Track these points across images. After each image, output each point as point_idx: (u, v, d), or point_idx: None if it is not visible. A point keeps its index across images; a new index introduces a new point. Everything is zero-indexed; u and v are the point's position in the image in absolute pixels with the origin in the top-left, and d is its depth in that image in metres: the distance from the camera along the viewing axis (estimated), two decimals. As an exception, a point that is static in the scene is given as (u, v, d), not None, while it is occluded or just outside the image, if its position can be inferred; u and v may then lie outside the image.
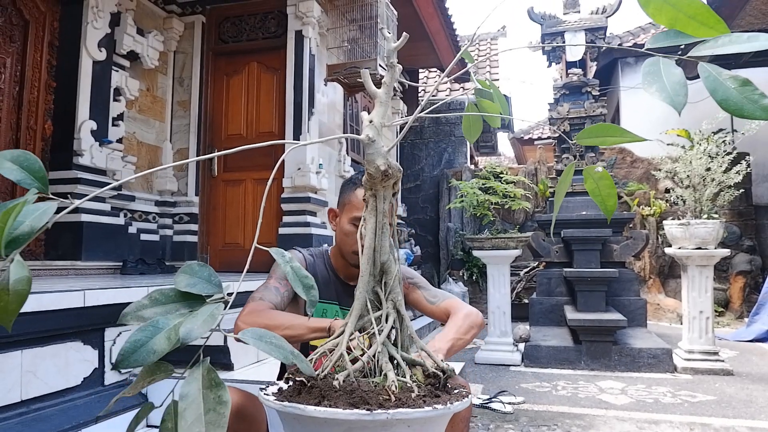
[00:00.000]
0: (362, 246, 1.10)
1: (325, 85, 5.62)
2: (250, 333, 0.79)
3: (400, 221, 7.52)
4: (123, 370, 2.64)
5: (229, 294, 0.79)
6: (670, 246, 4.72)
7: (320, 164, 5.30)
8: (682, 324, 4.82)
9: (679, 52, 0.78)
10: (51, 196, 0.69)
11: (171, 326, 0.72)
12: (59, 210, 0.66)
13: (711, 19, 0.72)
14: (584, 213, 5.42)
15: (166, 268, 4.91)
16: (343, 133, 6.13)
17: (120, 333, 2.59)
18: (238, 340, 0.76)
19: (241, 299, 1.64)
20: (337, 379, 0.98)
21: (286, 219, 5.12)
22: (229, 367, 2.68)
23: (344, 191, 1.64)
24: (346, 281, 1.70)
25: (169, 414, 0.67)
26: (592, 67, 6.15)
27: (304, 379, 1.00)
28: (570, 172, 1.02)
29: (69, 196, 4.17)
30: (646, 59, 0.77)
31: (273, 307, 1.53)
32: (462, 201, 5.05)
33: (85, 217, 4.18)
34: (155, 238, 5.27)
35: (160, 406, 0.72)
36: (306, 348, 1.68)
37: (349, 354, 1.03)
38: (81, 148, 4.25)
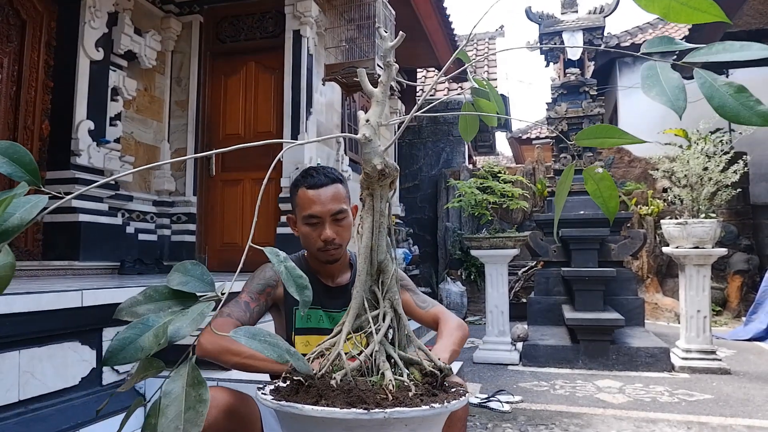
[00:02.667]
0: (360, 244, 1.10)
1: (323, 84, 5.62)
2: (242, 332, 0.78)
3: (398, 221, 7.53)
4: (121, 370, 2.64)
5: (222, 293, 0.79)
6: (667, 245, 4.73)
7: (318, 164, 5.29)
8: (679, 323, 4.83)
9: (674, 58, 0.79)
10: (43, 189, 0.69)
11: (160, 324, 0.72)
12: (58, 210, 0.66)
13: (703, 4, 0.73)
14: (582, 212, 5.42)
15: (164, 268, 4.90)
16: (341, 132, 6.13)
17: (118, 333, 2.58)
18: (201, 358, 0.75)
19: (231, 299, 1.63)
20: (335, 378, 0.98)
21: (284, 219, 5.12)
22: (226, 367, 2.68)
23: (291, 195, 1.65)
24: (326, 283, 1.69)
25: (154, 410, 0.67)
26: (590, 67, 6.14)
27: (301, 379, 1.00)
28: (570, 173, 1.01)
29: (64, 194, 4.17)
30: (643, 60, 0.78)
31: (238, 324, 1.46)
32: (460, 200, 5.05)
33: (82, 217, 4.18)
34: (153, 238, 5.26)
35: (148, 401, 0.72)
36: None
37: (346, 354, 1.03)
38: (78, 148, 4.24)
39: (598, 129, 0.92)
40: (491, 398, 3.53)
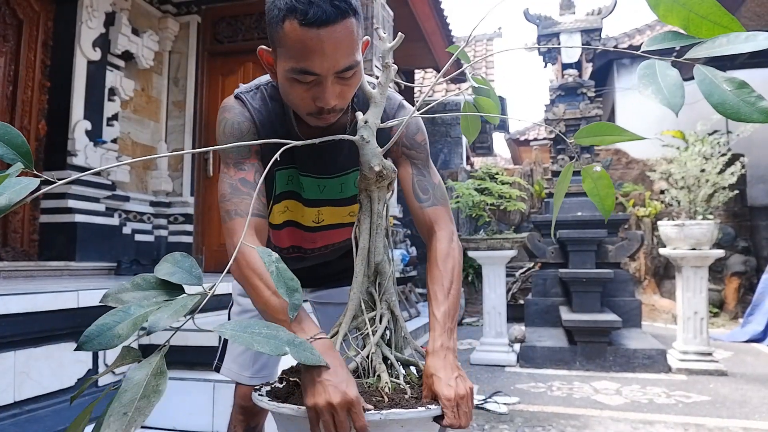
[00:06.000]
0: (356, 244, 1.10)
1: (321, 85, 5.61)
2: (231, 326, 0.77)
3: (395, 222, 7.52)
4: (117, 371, 2.63)
5: (210, 290, 0.78)
6: (665, 247, 4.73)
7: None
8: (676, 325, 4.83)
9: (674, 54, 0.78)
10: (35, 173, 0.68)
11: (140, 314, 0.71)
12: (55, 211, 0.65)
13: (724, 18, 0.70)
14: (579, 214, 5.42)
15: (161, 268, 4.88)
16: (339, 133, 6.11)
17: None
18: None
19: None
20: (331, 379, 0.98)
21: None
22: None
23: (271, 24, 1.02)
24: (310, 132, 1.17)
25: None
26: (588, 69, 6.15)
27: (297, 380, 1.00)
28: (568, 173, 1.01)
29: (64, 195, 4.17)
30: (642, 61, 0.76)
31: (260, 222, 1.12)
32: (458, 202, 5.05)
33: (79, 218, 4.16)
34: (150, 238, 5.25)
35: (117, 386, 0.72)
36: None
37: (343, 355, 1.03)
38: (75, 148, 4.23)
39: (597, 127, 0.92)
40: (488, 399, 3.52)
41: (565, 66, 6.10)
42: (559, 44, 5.93)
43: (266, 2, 1.02)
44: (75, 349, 0.70)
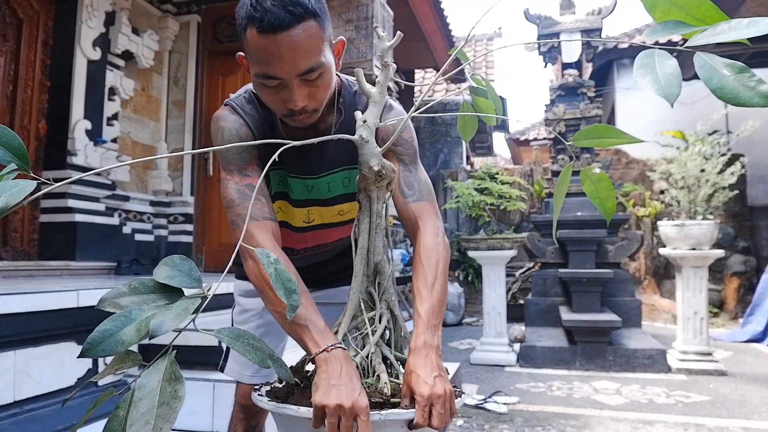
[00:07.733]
0: (356, 244, 1.10)
1: (321, 85, 5.60)
2: (226, 332, 0.77)
3: (395, 222, 7.52)
4: (117, 372, 2.63)
5: (206, 295, 0.78)
6: (665, 247, 4.73)
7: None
8: (676, 324, 4.83)
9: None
10: (33, 175, 0.68)
11: (142, 318, 0.71)
12: (55, 210, 0.65)
13: (721, 21, 0.70)
14: (579, 214, 5.42)
15: (161, 268, 4.87)
16: (339, 133, 6.10)
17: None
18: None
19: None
20: (331, 379, 0.98)
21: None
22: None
23: (239, 30, 1.09)
24: (294, 133, 1.20)
25: (124, 401, 0.67)
26: (588, 68, 6.15)
27: (297, 380, 1.00)
28: (567, 174, 1.01)
29: (64, 195, 4.17)
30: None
31: (268, 224, 1.13)
32: (457, 202, 5.05)
33: (79, 217, 4.16)
34: (150, 238, 5.25)
35: (120, 393, 0.72)
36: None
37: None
38: (75, 147, 4.23)
39: (596, 129, 0.92)
40: (488, 399, 3.52)
41: (565, 66, 6.10)
42: (559, 44, 5.93)
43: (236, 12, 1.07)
44: (79, 356, 0.70)
